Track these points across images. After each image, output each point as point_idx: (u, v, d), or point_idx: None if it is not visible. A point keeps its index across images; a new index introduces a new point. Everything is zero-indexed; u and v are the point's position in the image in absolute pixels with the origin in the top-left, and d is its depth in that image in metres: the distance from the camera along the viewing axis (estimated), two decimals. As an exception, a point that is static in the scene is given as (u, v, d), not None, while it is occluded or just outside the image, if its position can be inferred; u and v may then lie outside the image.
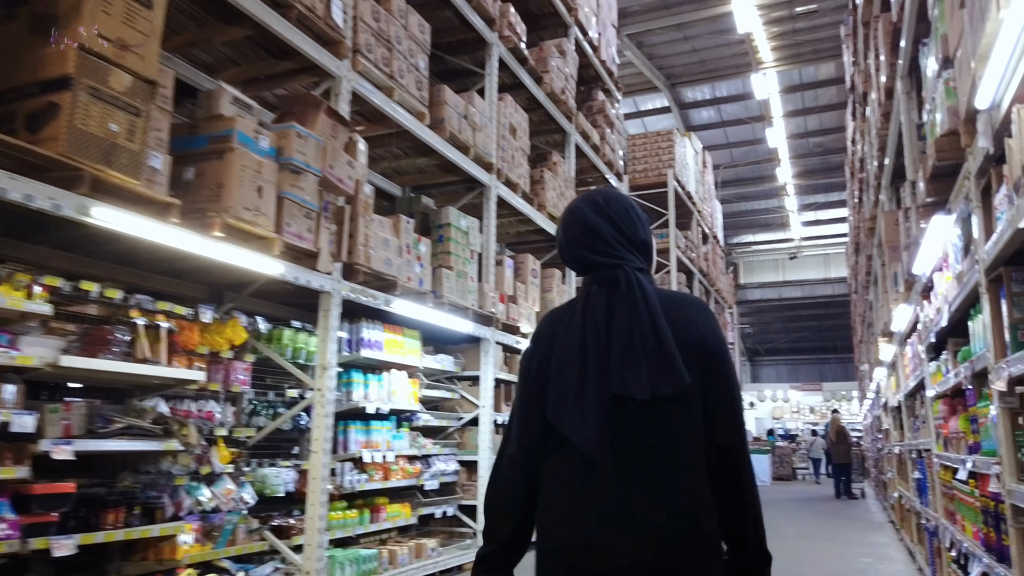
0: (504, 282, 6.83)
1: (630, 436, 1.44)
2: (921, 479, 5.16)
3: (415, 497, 5.77)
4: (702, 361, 1.47)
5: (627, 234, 1.57)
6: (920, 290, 4.44)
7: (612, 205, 1.60)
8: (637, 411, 1.44)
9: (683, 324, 1.49)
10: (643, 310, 1.46)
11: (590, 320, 1.50)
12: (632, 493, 1.41)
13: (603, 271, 1.54)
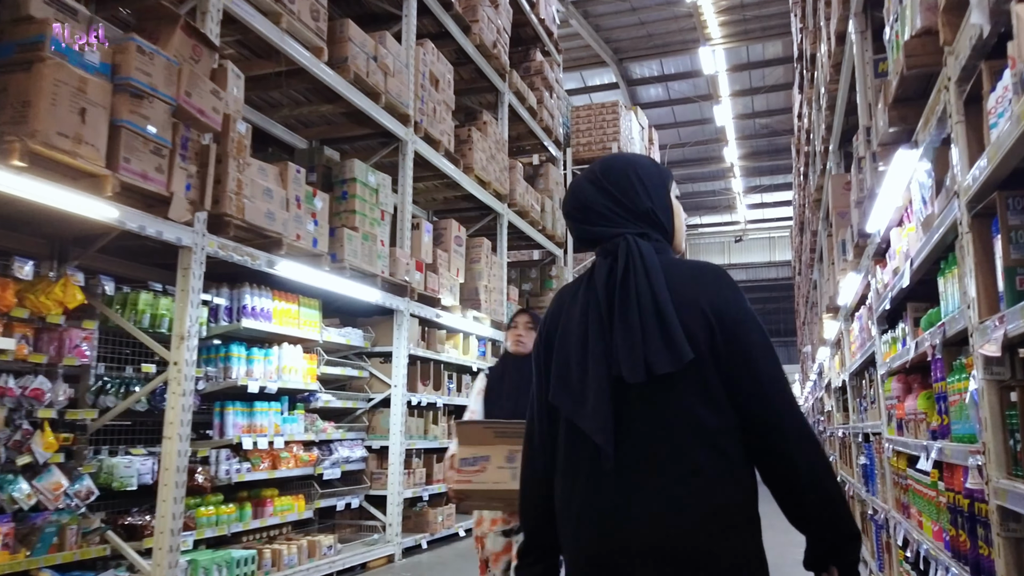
0: (421, 248, 6.15)
1: (638, 419, 1.33)
2: (868, 465, 4.72)
3: (312, 488, 5.08)
4: (717, 334, 1.34)
5: (625, 204, 1.46)
6: (873, 254, 3.93)
7: (610, 176, 1.50)
8: (643, 393, 1.32)
9: (689, 294, 1.36)
10: (643, 281, 1.35)
11: (591, 297, 1.40)
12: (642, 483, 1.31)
13: (606, 243, 1.44)
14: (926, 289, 3.04)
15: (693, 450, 1.31)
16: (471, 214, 8.55)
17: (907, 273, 2.77)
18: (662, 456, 1.31)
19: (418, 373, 6.17)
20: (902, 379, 3.54)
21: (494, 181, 7.75)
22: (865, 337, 4.70)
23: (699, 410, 1.33)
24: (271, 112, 5.89)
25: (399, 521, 5.60)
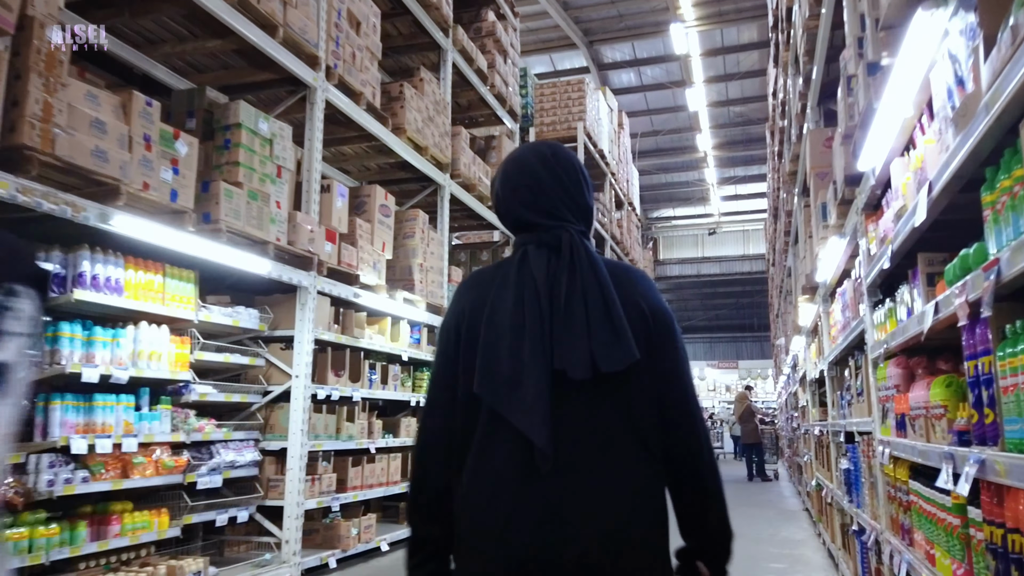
0: (333, 215, 5.24)
1: (574, 417, 1.27)
2: (852, 471, 3.91)
3: (181, 500, 4.16)
4: (650, 336, 1.33)
5: (573, 195, 1.42)
6: (863, 206, 3.11)
7: (561, 162, 1.44)
8: (581, 389, 1.27)
9: (630, 295, 1.34)
10: (590, 278, 1.31)
11: (528, 285, 1.32)
12: (578, 482, 1.25)
13: (543, 232, 1.38)
14: (944, 233, 2.20)
15: (629, 452, 1.30)
16: (410, 186, 7.65)
17: (922, 205, 1.92)
18: (599, 457, 1.28)
19: (328, 362, 5.26)
20: (902, 363, 2.71)
21: (432, 147, 6.85)
22: (850, 316, 3.89)
23: (634, 411, 1.31)
24: (150, 49, 4.94)
25: (298, 537, 4.69)
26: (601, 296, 1.29)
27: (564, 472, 1.24)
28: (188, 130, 4.44)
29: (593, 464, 1.26)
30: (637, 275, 1.41)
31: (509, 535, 1.23)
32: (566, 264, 1.32)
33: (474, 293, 1.39)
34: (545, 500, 1.23)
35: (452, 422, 1.34)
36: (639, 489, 1.27)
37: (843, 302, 4.16)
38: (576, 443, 1.26)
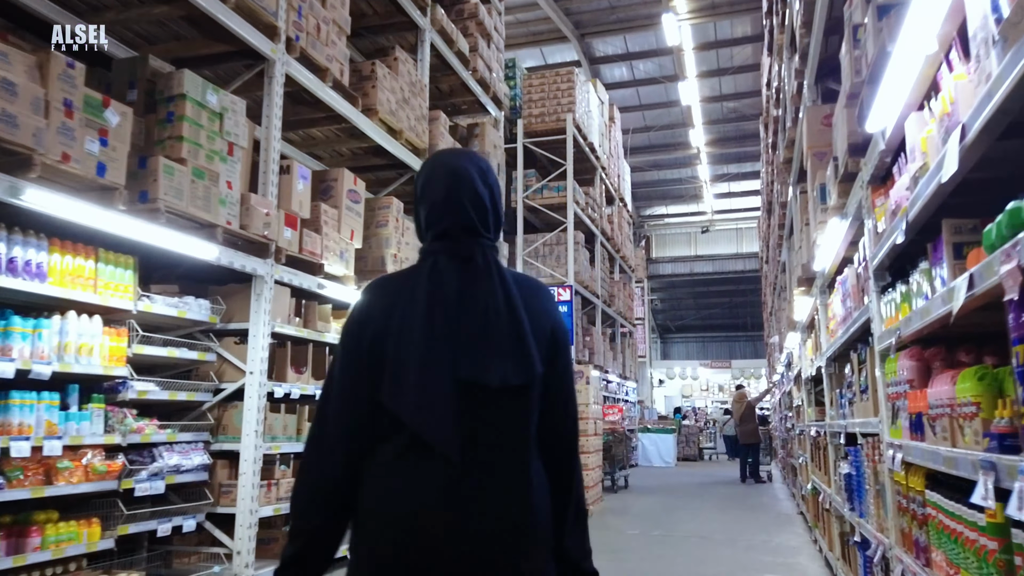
0: (293, 198, 4.85)
1: (477, 428, 1.32)
2: (854, 476, 3.55)
3: (116, 508, 3.77)
4: (549, 351, 1.40)
5: (496, 211, 1.47)
6: (869, 179, 2.75)
7: (491, 176, 1.50)
8: (485, 400, 1.33)
9: (536, 311, 1.41)
10: (499, 292, 1.36)
11: (438, 295, 1.35)
12: (481, 494, 1.30)
13: (458, 242, 1.40)
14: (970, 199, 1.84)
15: (528, 462, 1.35)
16: (386, 173, 7.27)
17: (952, 155, 1.55)
18: (501, 466, 1.32)
19: (288, 357, 4.88)
20: (916, 355, 2.35)
21: (408, 130, 6.47)
22: (851, 307, 3.53)
23: (533, 423, 1.37)
24: (93, 17, 4.54)
25: (251, 547, 4.31)
26: (510, 312, 1.34)
27: (468, 480, 1.29)
28: (129, 102, 4.06)
29: (501, 468, 1.32)
30: (543, 291, 1.47)
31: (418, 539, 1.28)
32: (478, 278, 1.36)
33: (382, 299, 1.40)
34: (452, 506, 1.28)
35: (356, 419, 1.36)
36: (535, 498, 1.34)
37: (843, 291, 3.81)
38: (485, 450, 1.31)
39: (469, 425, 1.31)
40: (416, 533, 1.28)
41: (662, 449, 17.60)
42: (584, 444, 8.38)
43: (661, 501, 9.96)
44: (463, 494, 1.28)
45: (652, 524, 7.72)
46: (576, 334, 12.88)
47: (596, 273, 14.70)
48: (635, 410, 19.15)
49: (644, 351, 26.32)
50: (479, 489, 1.29)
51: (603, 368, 15.01)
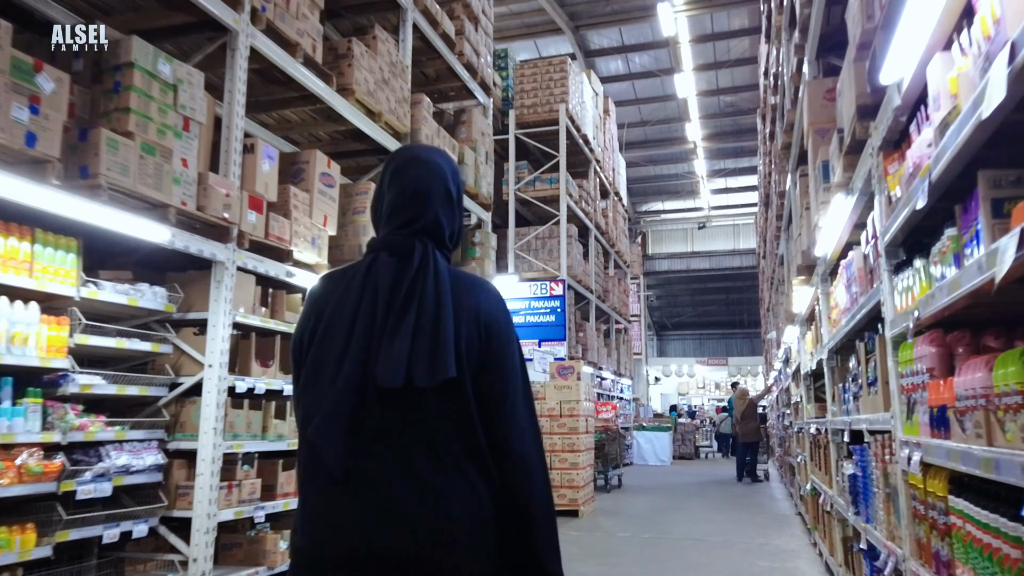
0: (257, 179, 4.53)
1: (385, 429, 1.26)
2: (860, 478, 3.24)
3: (55, 513, 3.45)
4: (485, 353, 1.34)
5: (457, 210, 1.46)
6: (880, 144, 2.44)
7: (458, 178, 1.48)
8: (398, 401, 1.26)
9: (469, 310, 1.34)
10: (430, 289, 1.31)
11: (369, 290, 1.32)
12: (379, 499, 1.24)
13: (402, 239, 1.37)
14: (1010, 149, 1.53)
15: (435, 469, 1.26)
16: (367, 159, 6.96)
17: (998, 82, 1.25)
18: (403, 472, 1.25)
19: (253, 350, 4.56)
20: (936, 340, 2.05)
21: (387, 113, 6.15)
22: (857, 292, 3.23)
23: (450, 427, 1.29)
24: (40, -16, 4.22)
25: (208, 553, 4.00)
26: (435, 308, 1.28)
27: (368, 483, 1.24)
28: (75, 73, 3.75)
29: (412, 473, 1.25)
30: (484, 290, 1.39)
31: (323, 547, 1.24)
32: (412, 275, 1.31)
33: (322, 296, 1.37)
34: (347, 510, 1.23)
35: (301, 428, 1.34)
36: (443, 506, 1.25)
37: (848, 276, 3.50)
38: (382, 455, 1.25)
39: (373, 427, 1.26)
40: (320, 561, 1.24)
41: (657, 447, 17.30)
42: (574, 442, 8.08)
43: (655, 501, 9.66)
44: (355, 504, 1.23)
45: (645, 526, 7.42)
46: (569, 330, 12.58)
47: (590, 268, 14.40)
48: (630, 408, 18.85)
49: (640, 348, 26.03)
50: (371, 503, 1.23)
51: (597, 365, 14.71)
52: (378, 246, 1.39)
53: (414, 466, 1.25)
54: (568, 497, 7.96)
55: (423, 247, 1.35)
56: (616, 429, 11.93)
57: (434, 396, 1.27)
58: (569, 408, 8.15)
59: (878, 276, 2.63)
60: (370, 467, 1.24)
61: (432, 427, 1.26)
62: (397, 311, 1.29)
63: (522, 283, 12.43)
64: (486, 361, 1.33)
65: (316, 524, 1.25)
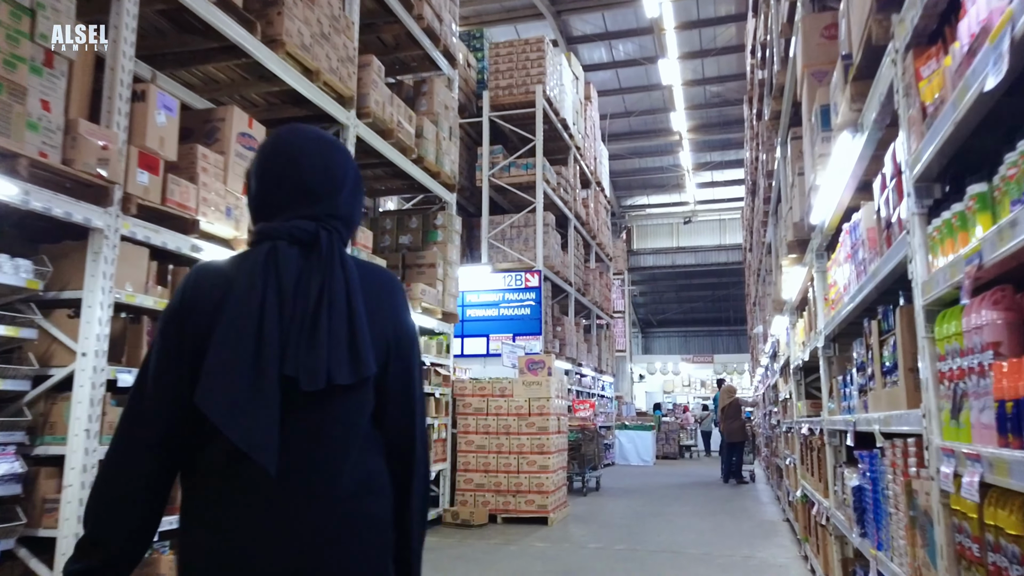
0: (149, 133, 3.81)
1: (302, 433, 1.20)
2: (869, 493, 2.58)
3: None
4: (391, 349, 1.30)
5: (356, 197, 1.36)
6: (913, 28, 1.77)
7: (352, 162, 1.37)
8: (313, 401, 1.20)
9: (379, 305, 1.30)
10: (340, 283, 1.24)
11: (271, 284, 1.21)
12: (301, 508, 1.18)
13: (303, 227, 1.26)
14: None
15: (358, 473, 1.24)
16: (309, 129, 6.25)
17: None
18: (326, 476, 1.20)
19: (144, 336, 3.84)
20: (1006, 299, 1.36)
21: (327, 72, 5.44)
22: (866, 258, 2.58)
23: (367, 429, 1.27)
24: None
25: (76, 583, 3.28)
26: (347, 305, 1.23)
27: (290, 492, 1.18)
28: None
29: (321, 483, 1.20)
30: (389, 285, 1.35)
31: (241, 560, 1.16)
32: (319, 267, 1.24)
33: (211, 289, 1.25)
34: (270, 520, 1.17)
35: (170, 423, 1.22)
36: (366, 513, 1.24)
37: (853, 242, 2.84)
38: (303, 461, 1.20)
39: (290, 430, 1.18)
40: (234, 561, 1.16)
41: (640, 447, 16.67)
42: (543, 443, 7.41)
43: (634, 505, 9.01)
44: (279, 515, 1.17)
45: (619, 535, 6.75)
46: (545, 323, 11.91)
47: (569, 259, 13.73)
48: (612, 406, 18.21)
49: (624, 345, 25.43)
50: (294, 512, 1.17)
51: (576, 361, 14.05)
52: (275, 234, 1.26)
53: (334, 469, 1.21)
54: (536, 503, 7.29)
55: (329, 236, 1.27)
56: (594, 428, 11.28)
57: (350, 394, 1.23)
58: (539, 406, 7.47)
59: (903, 227, 1.97)
60: (297, 472, 1.18)
61: (342, 429, 1.23)
62: (309, 309, 1.21)
63: (496, 274, 11.75)
64: (392, 360, 1.30)
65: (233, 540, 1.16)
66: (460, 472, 7.56)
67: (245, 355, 1.17)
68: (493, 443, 7.51)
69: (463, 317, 11.81)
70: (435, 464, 7.31)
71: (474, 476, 7.49)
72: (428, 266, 7.36)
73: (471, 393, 7.69)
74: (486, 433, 7.55)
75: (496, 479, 7.43)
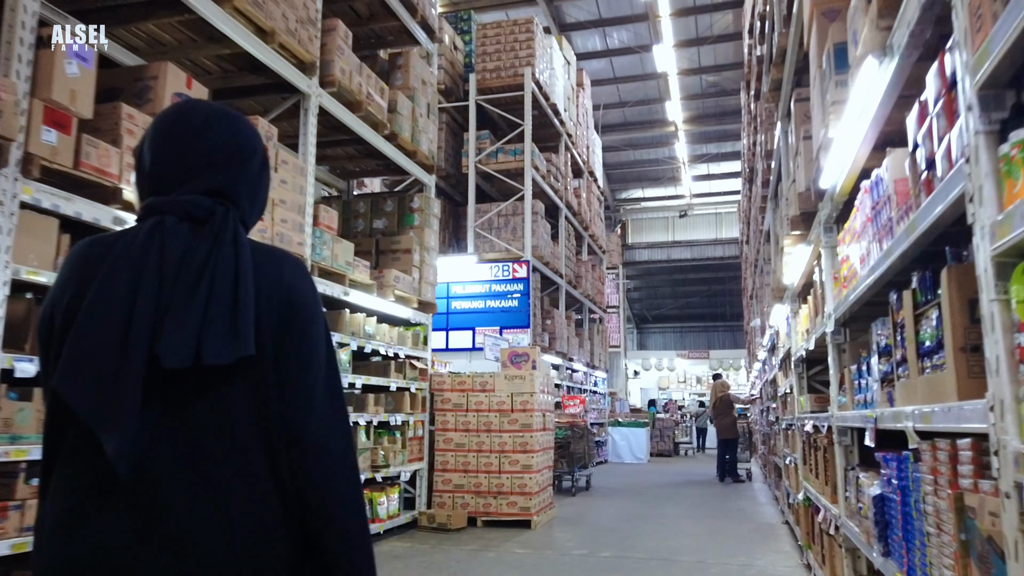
0: (57, 84, 3.30)
1: (172, 425, 1.05)
2: (897, 505, 2.09)
3: None
4: (280, 329, 1.13)
5: (247, 171, 1.22)
6: None
7: (260, 139, 1.26)
8: (186, 387, 1.05)
9: (269, 281, 1.14)
10: (229, 256, 1.11)
11: (152, 259, 1.08)
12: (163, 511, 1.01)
13: (198, 202, 1.15)
14: None
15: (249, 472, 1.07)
16: (269, 98, 5.78)
17: None
18: (197, 477, 1.04)
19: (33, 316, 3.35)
20: None
21: (284, 33, 4.94)
22: (892, 217, 2.09)
23: (251, 421, 1.08)
24: None
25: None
26: (233, 277, 1.10)
27: (151, 492, 1.02)
28: None
29: (202, 476, 1.04)
30: (288, 261, 1.20)
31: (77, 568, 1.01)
32: (208, 242, 1.11)
33: (80, 271, 1.11)
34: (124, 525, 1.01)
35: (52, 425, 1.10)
36: (260, 507, 1.06)
37: (874, 202, 2.36)
38: (170, 458, 1.04)
39: (157, 422, 1.04)
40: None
41: (633, 444, 16.20)
42: (527, 441, 6.93)
43: (624, 507, 8.54)
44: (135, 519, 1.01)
45: (607, 540, 6.28)
46: (534, 316, 11.42)
47: (559, 250, 13.24)
48: (605, 402, 17.74)
49: (619, 341, 24.97)
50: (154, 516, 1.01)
51: (567, 355, 13.57)
52: (165, 208, 1.14)
53: (203, 470, 1.04)
54: (519, 505, 6.81)
55: (225, 213, 1.15)
56: (585, 425, 10.81)
57: (230, 381, 1.07)
58: (522, 402, 6.99)
59: (953, 163, 1.48)
60: (153, 470, 1.02)
61: (229, 420, 1.06)
62: (188, 282, 1.07)
63: (482, 264, 11.26)
64: (287, 340, 1.13)
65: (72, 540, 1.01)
66: (438, 472, 7.07)
67: (108, 335, 1.04)
68: (473, 441, 7.02)
69: (448, 310, 11.32)
70: (411, 464, 6.82)
71: (453, 476, 7.01)
72: (403, 252, 6.87)
73: (450, 388, 7.20)
74: (466, 431, 7.06)
75: (476, 479, 6.95)
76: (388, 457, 6.24)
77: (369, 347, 6.03)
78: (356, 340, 5.81)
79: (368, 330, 6.10)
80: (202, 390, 1.05)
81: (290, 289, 1.16)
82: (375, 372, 6.35)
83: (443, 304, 11.24)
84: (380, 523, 6.12)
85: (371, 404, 6.03)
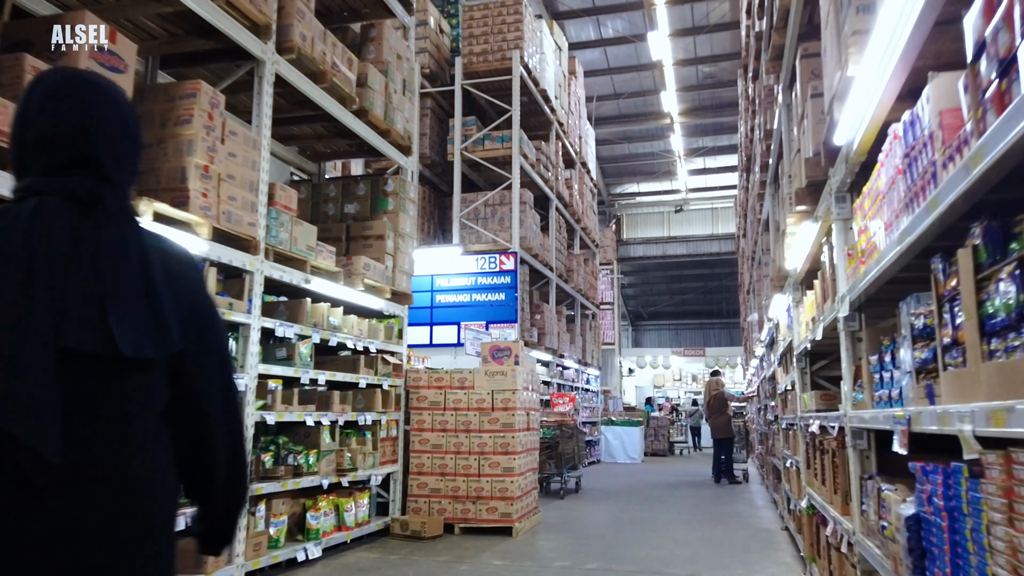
0: (-65, 24, 2.81)
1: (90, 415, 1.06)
2: (943, 531, 1.62)
3: None
4: (191, 332, 1.18)
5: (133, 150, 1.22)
6: None
7: (127, 109, 1.22)
8: (100, 378, 1.07)
9: (177, 276, 1.18)
10: (132, 245, 1.12)
11: (42, 243, 1.06)
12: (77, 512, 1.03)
13: (80, 182, 1.12)
14: None
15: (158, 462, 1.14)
16: (223, 65, 5.30)
17: None
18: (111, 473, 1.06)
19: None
20: None
21: (232, -10, 4.45)
22: (935, 162, 1.61)
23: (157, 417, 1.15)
24: None
25: None
26: (144, 268, 1.12)
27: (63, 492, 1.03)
28: None
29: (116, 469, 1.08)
30: (187, 259, 1.24)
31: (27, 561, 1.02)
32: (102, 226, 1.11)
33: None
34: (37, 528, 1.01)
35: None
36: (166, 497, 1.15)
37: (906, 149, 1.89)
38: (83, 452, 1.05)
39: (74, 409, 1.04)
40: None
41: (627, 444, 15.74)
42: (508, 442, 6.45)
43: (614, 510, 8.08)
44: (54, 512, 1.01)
45: (593, 549, 5.81)
46: (522, 310, 10.93)
47: (550, 242, 12.75)
48: (597, 400, 17.27)
49: (613, 338, 24.51)
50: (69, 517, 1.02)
51: (557, 352, 13.09)
52: (42, 188, 1.12)
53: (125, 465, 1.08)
54: (500, 511, 6.33)
55: (115, 193, 1.15)
56: (574, 424, 10.33)
57: (140, 373, 1.10)
58: (503, 399, 6.51)
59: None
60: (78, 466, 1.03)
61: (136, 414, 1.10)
62: (92, 270, 1.06)
63: (468, 256, 10.77)
64: (196, 342, 1.19)
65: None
66: (413, 475, 6.59)
67: (10, 322, 1.01)
68: (451, 442, 6.54)
69: (432, 303, 10.84)
70: (383, 466, 6.34)
71: (429, 480, 6.53)
72: (376, 238, 6.38)
73: (426, 385, 6.72)
74: (443, 431, 6.58)
75: (454, 483, 6.47)
76: (356, 460, 5.75)
77: (335, 340, 5.54)
78: (319, 332, 5.32)
79: (333, 321, 5.61)
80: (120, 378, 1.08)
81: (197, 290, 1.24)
82: (342, 368, 5.86)
83: (427, 298, 10.75)
84: (347, 531, 5.63)
85: (337, 402, 5.54)
